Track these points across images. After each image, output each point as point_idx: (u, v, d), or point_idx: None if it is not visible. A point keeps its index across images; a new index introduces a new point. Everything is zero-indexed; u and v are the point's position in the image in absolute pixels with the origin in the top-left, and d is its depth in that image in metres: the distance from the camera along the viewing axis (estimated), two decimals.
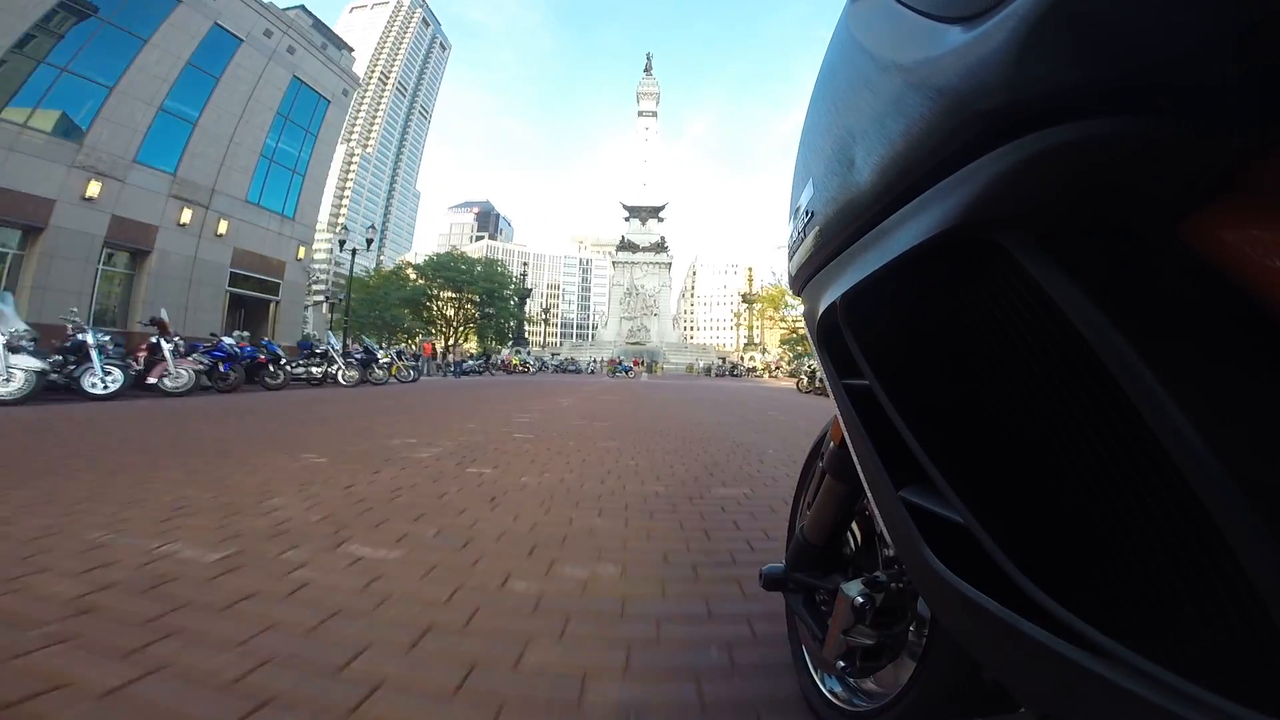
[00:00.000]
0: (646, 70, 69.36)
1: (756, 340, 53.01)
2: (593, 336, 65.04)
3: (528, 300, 51.00)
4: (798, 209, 0.64)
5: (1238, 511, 0.23)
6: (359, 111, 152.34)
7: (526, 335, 49.93)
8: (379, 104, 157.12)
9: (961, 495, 0.39)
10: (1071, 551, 0.34)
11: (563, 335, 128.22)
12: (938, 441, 0.42)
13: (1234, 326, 0.25)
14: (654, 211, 62.85)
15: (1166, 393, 0.25)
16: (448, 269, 42.78)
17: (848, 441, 0.57)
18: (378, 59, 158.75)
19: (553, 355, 38.74)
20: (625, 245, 59.35)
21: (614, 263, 59.08)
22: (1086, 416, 0.31)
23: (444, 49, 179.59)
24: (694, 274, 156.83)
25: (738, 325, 77.99)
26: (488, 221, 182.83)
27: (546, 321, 63.05)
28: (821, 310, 0.56)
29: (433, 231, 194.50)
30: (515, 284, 50.60)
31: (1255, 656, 0.24)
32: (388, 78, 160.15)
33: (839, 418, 0.65)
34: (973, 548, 0.37)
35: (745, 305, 51.31)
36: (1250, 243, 0.24)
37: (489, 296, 43.56)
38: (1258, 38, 0.21)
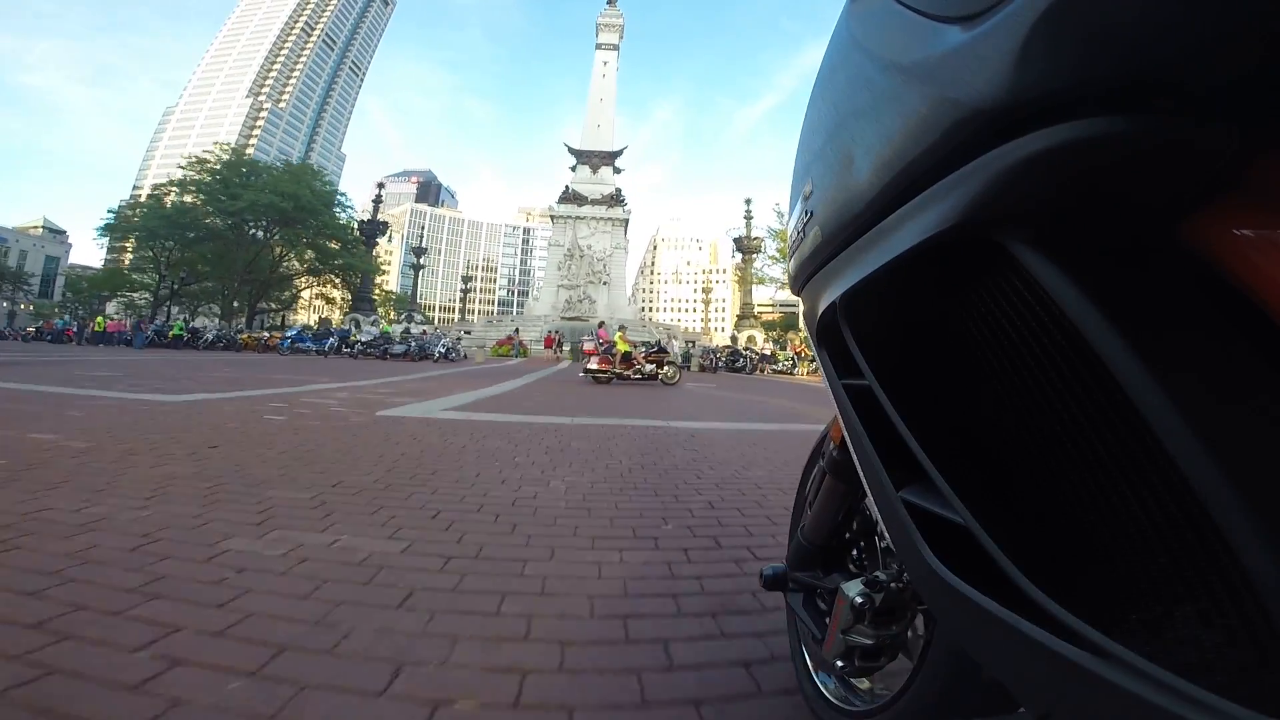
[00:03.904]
0: (610, 1, 55.62)
1: (757, 313, 36.79)
2: (523, 311, 51.20)
3: (383, 239, 35.85)
4: (797, 208, 0.64)
5: (1238, 511, 0.23)
6: (273, 63, 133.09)
7: (373, 294, 34.80)
8: (299, 56, 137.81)
9: (961, 495, 0.38)
10: (1072, 552, 0.33)
11: (500, 311, 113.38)
12: (938, 441, 0.42)
13: (1234, 326, 0.25)
14: (609, 158, 49.48)
15: (1166, 392, 0.25)
16: (210, 175, 28.50)
17: (848, 442, 0.56)
18: (304, 7, 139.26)
19: (407, 329, 24.51)
20: (569, 196, 45.86)
21: (553, 217, 45.46)
22: (1087, 416, 0.31)
23: (386, 3, 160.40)
24: (654, 249, 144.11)
25: (707, 302, 65.66)
26: (428, 191, 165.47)
27: (465, 293, 48.83)
28: (821, 310, 0.55)
29: (365, 200, 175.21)
30: (344, 207, 35.89)
31: (1255, 656, 0.24)
32: (313, 28, 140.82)
33: (839, 418, 0.64)
34: (973, 548, 0.37)
35: (740, 257, 34.86)
36: (1250, 243, 0.24)
37: (281, 221, 28.44)
38: (1258, 38, 0.21)
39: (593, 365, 11.65)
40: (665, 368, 12.07)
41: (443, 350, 21.02)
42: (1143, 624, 0.29)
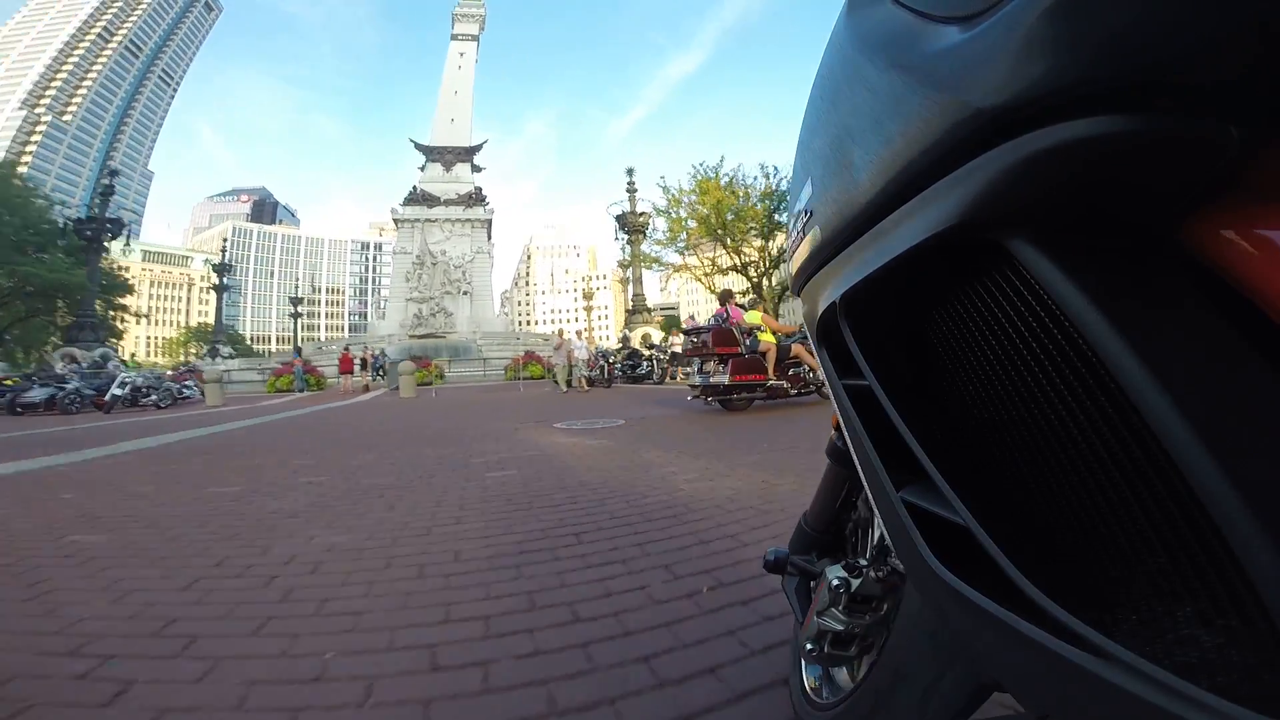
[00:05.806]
0: None
1: (662, 305, 30.12)
2: (365, 329, 43.67)
3: (124, 247, 27.49)
4: (796, 208, 0.64)
5: (1238, 512, 0.23)
6: (58, 71, 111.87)
7: (110, 318, 26.81)
8: (92, 63, 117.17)
9: (962, 496, 0.39)
10: (1072, 553, 0.34)
11: (351, 331, 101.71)
12: (938, 442, 0.42)
13: (1234, 326, 0.26)
14: (465, 154, 43.88)
15: (1166, 392, 0.25)
16: None
17: (848, 443, 0.58)
18: (104, 11, 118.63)
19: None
20: (417, 197, 39.69)
21: (397, 221, 38.97)
22: (1086, 417, 0.31)
23: (210, 10, 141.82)
24: (529, 259, 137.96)
25: (589, 309, 61.00)
26: (263, 210, 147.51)
27: (296, 317, 40.73)
28: (821, 310, 0.56)
29: (186, 224, 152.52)
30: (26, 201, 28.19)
31: (1255, 656, 0.24)
32: (113, 33, 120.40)
33: (839, 418, 0.66)
34: (973, 548, 0.37)
35: (625, 237, 28.44)
36: (1250, 242, 0.25)
37: None
38: (1258, 37, 0.21)
39: (718, 376, 6.22)
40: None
41: (120, 391, 12.89)
42: (1143, 624, 0.29)
